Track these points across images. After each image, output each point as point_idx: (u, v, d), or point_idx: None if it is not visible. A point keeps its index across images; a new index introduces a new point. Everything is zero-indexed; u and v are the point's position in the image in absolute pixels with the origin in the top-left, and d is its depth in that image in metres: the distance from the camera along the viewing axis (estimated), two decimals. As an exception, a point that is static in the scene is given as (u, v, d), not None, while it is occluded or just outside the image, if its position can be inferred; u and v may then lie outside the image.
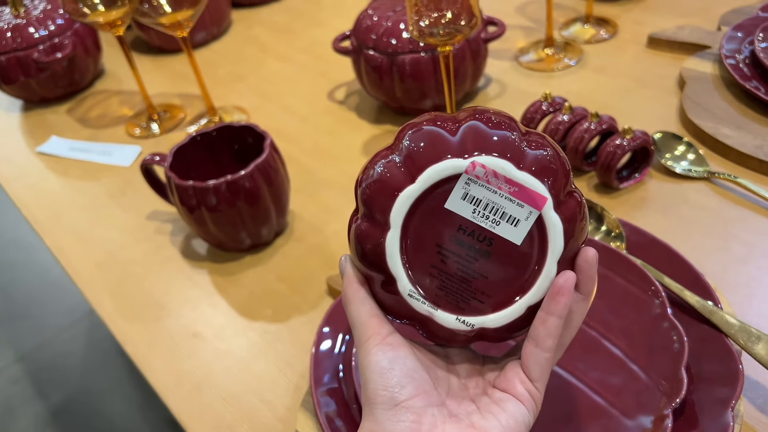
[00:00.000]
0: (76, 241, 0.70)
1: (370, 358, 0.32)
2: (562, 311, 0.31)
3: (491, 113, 0.32)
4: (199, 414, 0.50)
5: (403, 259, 0.32)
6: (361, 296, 0.34)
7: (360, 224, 0.32)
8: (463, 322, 0.33)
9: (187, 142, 0.62)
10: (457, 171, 0.30)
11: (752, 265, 0.53)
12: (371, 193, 0.32)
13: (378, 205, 0.31)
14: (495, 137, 0.31)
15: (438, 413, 0.32)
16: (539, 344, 0.32)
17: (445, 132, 0.31)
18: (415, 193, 0.30)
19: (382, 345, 0.32)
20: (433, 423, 0.31)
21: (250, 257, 0.63)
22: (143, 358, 0.56)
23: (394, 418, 0.31)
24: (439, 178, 0.30)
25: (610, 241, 0.53)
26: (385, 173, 0.31)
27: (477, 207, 0.31)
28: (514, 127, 0.31)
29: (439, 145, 0.31)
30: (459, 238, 0.31)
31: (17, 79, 0.90)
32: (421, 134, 0.31)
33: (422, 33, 0.60)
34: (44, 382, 1.47)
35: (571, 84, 0.78)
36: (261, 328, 0.56)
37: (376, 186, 0.31)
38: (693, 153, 0.63)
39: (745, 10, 0.82)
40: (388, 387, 0.31)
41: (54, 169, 0.82)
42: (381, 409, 0.31)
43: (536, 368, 0.32)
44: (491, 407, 0.32)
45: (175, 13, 0.73)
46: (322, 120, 0.81)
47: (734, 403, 0.39)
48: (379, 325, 0.33)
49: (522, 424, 0.32)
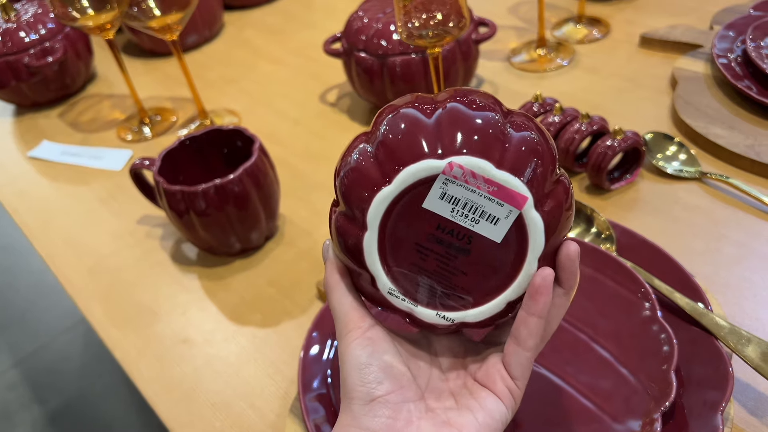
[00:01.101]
0: (66, 247, 0.70)
1: (349, 352, 0.32)
2: (542, 311, 0.31)
3: (473, 95, 0.31)
4: (188, 421, 0.50)
5: (382, 259, 0.31)
6: (342, 286, 0.34)
7: (338, 218, 0.32)
8: (443, 318, 0.33)
9: (177, 146, 0.62)
10: (434, 172, 0.29)
11: (743, 266, 0.52)
12: (347, 190, 0.31)
13: (355, 203, 0.31)
14: (477, 120, 0.30)
15: (415, 408, 0.32)
16: (521, 344, 0.32)
17: (423, 116, 0.30)
18: (391, 194, 0.30)
19: (362, 339, 0.32)
20: (408, 418, 0.31)
21: (240, 261, 0.63)
22: (133, 365, 0.55)
23: (371, 413, 0.31)
24: (416, 179, 0.30)
25: (600, 243, 0.53)
26: (361, 166, 0.31)
27: (456, 206, 0.30)
28: (495, 109, 0.31)
29: (416, 134, 0.30)
30: (438, 237, 0.31)
31: (8, 84, 0.90)
32: (397, 119, 0.31)
33: (411, 35, 0.59)
34: (41, 387, 1.47)
35: (563, 84, 0.78)
36: (251, 333, 0.56)
37: (352, 182, 0.31)
38: (684, 153, 0.63)
39: (737, 9, 0.81)
40: (365, 383, 0.32)
41: (45, 173, 0.82)
42: (358, 404, 0.31)
43: (518, 367, 0.32)
44: (470, 403, 0.32)
45: (164, 16, 0.73)
46: (314, 122, 0.81)
47: (724, 406, 0.39)
48: (360, 318, 0.33)
49: (499, 421, 0.32)
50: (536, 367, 0.45)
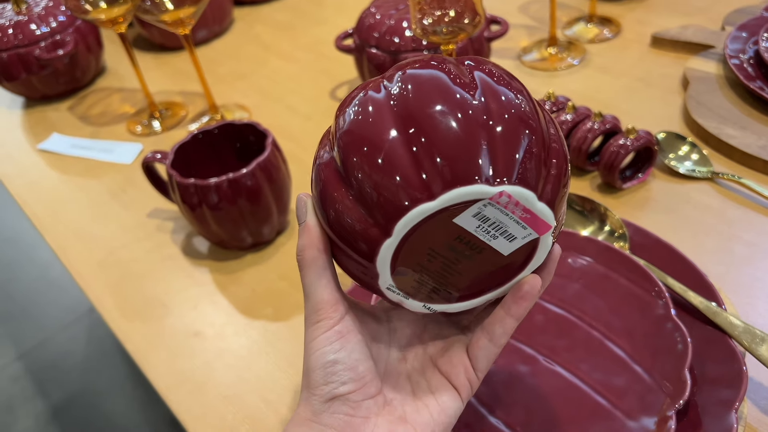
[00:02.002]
0: (76, 239, 0.70)
1: (316, 346, 0.32)
2: (522, 314, 0.32)
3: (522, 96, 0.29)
4: (200, 413, 0.50)
5: (392, 261, 0.30)
6: (319, 264, 0.31)
7: (349, 207, 0.29)
8: (427, 308, 0.33)
9: (189, 139, 0.62)
10: (482, 197, 0.28)
11: (756, 266, 0.52)
12: (375, 187, 0.28)
13: (381, 208, 0.28)
14: (531, 141, 0.28)
15: (374, 404, 0.32)
16: (494, 341, 0.33)
17: (475, 117, 0.27)
18: (430, 210, 0.28)
19: (331, 333, 0.32)
20: (366, 415, 0.32)
21: (251, 255, 0.63)
22: (144, 357, 0.56)
23: (330, 410, 0.31)
24: (460, 201, 0.28)
25: (614, 241, 0.53)
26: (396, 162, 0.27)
27: (483, 224, 0.29)
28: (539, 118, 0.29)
29: (471, 149, 0.27)
30: (453, 245, 0.30)
31: (19, 76, 0.90)
32: (447, 113, 0.27)
33: (425, 31, 0.59)
34: (45, 381, 1.47)
35: (574, 83, 0.78)
36: (262, 327, 0.56)
37: (382, 180, 0.28)
38: (697, 153, 0.63)
39: (750, 9, 0.81)
40: (329, 382, 0.31)
41: (55, 166, 0.82)
42: (318, 401, 0.32)
43: (484, 361, 0.33)
44: (426, 398, 0.33)
45: (177, 10, 0.73)
46: (325, 118, 0.81)
47: (738, 404, 0.39)
48: (333, 307, 0.32)
49: (453, 417, 0.33)
50: (550, 365, 0.45)
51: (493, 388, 0.44)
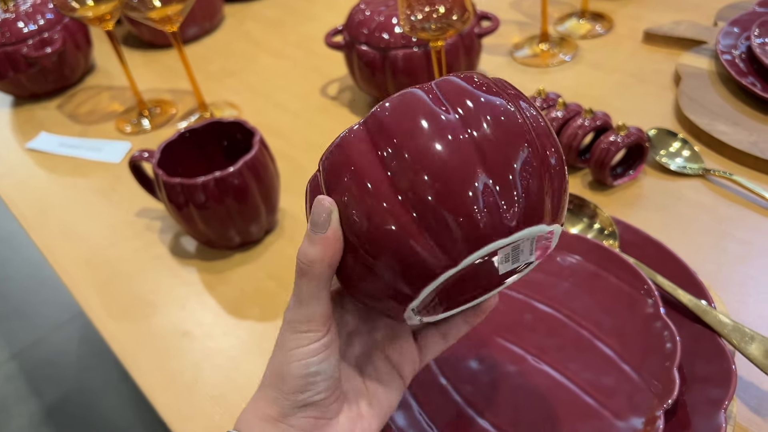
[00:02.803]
0: (64, 239, 0.69)
1: (300, 356, 0.31)
2: (477, 324, 0.36)
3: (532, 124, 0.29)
4: (187, 414, 0.50)
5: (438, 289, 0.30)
6: (324, 279, 0.30)
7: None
8: (420, 321, 0.33)
9: (176, 138, 0.61)
10: (501, 246, 0.28)
11: (747, 263, 0.52)
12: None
13: (398, 278, 0.28)
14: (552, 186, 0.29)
15: (338, 404, 0.33)
16: (446, 339, 0.36)
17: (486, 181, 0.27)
18: (451, 273, 0.28)
19: (318, 345, 0.31)
20: (332, 416, 0.33)
21: (239, 255, 0.62)
22: (131, 358, 0.55)
23: (301, 413, 0.32)
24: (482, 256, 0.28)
25: (603, 239, 0.52)
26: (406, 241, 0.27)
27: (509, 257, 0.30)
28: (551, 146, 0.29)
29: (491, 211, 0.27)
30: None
31: (6, 75, 0.89)
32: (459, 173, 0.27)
33: (414, 27, 0.59)
34: (39, 380, 1.46)
35: (566, 80, 0.78)
36: (250, 327, 0.55)
37: (399, 265, 0.28)
38: (688, 150, 0.62)
39: (742, 5, 0.81)
40: (307, 391, 0.32)
41: (43, 165, 0.81)
42: (290, 405, 0.32)
43: (431, 354, 0.36)
44: (377, 389, 0.35)
45: (164, 7, 0.72)
46: (315, 116, 0.80)
47: (727, 404, 0.39)
48: (323, 320, 0.31)
49: (394, 408, 0.36)
50: (539, 364, 0.45)
51: (480, 387, 0.44)
